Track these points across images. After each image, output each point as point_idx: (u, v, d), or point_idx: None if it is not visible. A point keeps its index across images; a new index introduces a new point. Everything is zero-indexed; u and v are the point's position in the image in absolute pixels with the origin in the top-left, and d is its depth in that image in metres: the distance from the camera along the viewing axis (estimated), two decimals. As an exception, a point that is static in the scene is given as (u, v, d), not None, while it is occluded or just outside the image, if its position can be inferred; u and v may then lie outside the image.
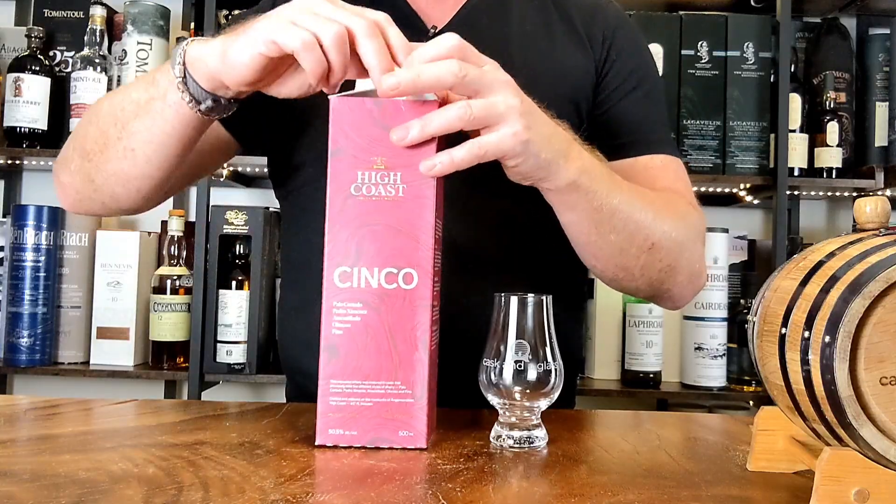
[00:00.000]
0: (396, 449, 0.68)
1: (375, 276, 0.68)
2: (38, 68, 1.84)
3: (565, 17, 1.00)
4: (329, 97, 0.69)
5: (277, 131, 1.00)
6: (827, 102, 1.86)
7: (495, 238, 0.93)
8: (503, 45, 0.96)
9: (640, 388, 1.77)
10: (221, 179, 1.89)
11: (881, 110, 1.90)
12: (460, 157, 0.67)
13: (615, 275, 0.90)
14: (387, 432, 0.68)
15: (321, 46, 0.67)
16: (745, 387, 1.78)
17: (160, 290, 1.79)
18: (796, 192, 1.94)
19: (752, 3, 1.89)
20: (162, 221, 1.98)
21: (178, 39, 1.77)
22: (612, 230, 0.82)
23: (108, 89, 1.84)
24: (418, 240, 0.68)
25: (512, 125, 0.68)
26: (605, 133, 0.99)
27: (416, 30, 0.94)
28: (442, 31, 0.94)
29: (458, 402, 0.82)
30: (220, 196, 2.02)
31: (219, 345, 1.75)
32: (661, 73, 1.69)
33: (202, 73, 0.75)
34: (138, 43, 1.82)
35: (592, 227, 0.82)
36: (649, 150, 0.98)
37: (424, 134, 0.66)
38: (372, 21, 0.68)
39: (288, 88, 0.76)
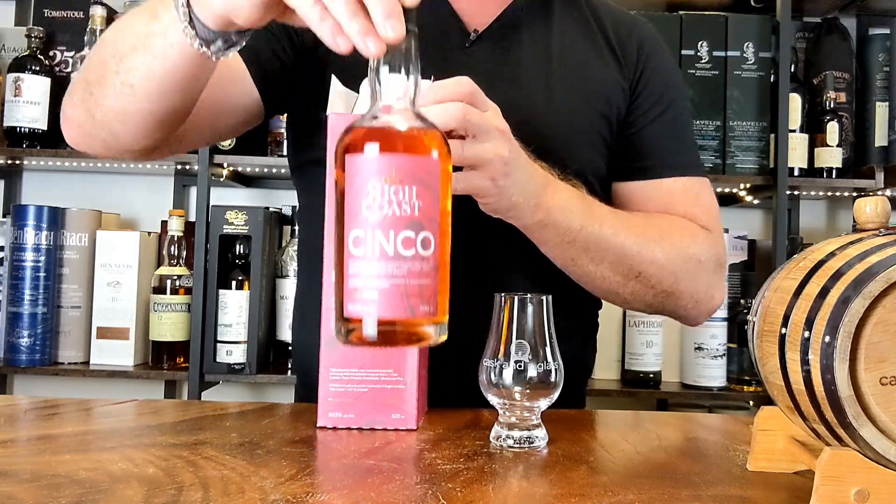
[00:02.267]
0: (397, 449, 0.68)
1: None
2: (38, 68, 1.84)
3: (602, 31, 1.01)
4: (326, 114, 0.72)
5: (301, 97, 0.98)
6: (827, 102, 1.86)
7: (498, 239, 0.93)
8: (542, 51, 0.97)
9: (640, 388, 1.77)
10: (221, 179, 1.89)
11: (881, 110, 1.90)
12: None
13: (605, 297, 0.95)
14: (381, 415, 0.76)
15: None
16: (745, 387, 1.78)
17: (160, 290, 1.79)
18: (796, 192, 1.94)
19: (752, 3, 1.89)
20: (162, 221, 1.98)
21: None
22: (589, 262, 0.87)
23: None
24: None
25: (493, 170, 0.74)
26: (630, 153, 1.00)
27: (457, 32, 0.95)
28: (482, 35, 0.96)
29: (459, 402, 0.82)
30: (220, 196, 2.02)
31: (219, 345, 1.75)
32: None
33: (209, 15, 0.68)
34: (138, 43, 1.82)
35: (567, 259, 0.87)
36: (673, 174, 1.00)
37: None
38: None
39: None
